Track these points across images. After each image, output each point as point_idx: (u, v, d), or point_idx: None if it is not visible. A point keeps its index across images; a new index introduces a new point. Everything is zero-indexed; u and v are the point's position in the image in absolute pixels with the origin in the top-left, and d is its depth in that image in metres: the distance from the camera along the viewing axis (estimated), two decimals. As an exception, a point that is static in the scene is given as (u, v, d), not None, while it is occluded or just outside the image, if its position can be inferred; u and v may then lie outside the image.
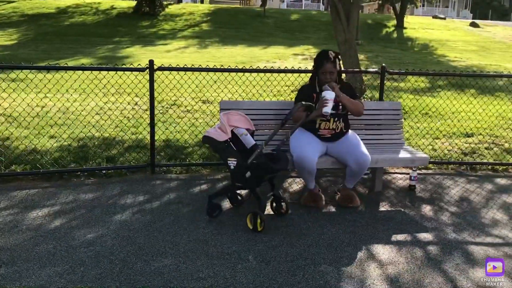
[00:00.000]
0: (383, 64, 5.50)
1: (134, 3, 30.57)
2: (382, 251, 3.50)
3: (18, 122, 6.33)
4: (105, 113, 6.75)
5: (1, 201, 4.19)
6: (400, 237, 3.74)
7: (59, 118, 6.41)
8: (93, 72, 5.55)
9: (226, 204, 4.24)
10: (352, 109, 4.23)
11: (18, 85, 6.46)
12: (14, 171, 4.84)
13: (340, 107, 4.19)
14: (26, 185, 4.62)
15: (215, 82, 7.00)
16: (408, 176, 4.95)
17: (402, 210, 4.30)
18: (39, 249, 3.35)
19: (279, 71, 5.40)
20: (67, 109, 6.98)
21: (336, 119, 4.20)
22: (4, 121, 6.50)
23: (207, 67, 5.03)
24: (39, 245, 3.42)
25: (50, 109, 7.24)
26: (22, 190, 4.47)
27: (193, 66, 5.17)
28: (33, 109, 6.61)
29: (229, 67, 5.11)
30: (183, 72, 5.22)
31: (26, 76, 7.27)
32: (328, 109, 3.99)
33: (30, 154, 5.30)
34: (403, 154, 4.53)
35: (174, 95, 7.07)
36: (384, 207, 4.37)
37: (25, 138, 5.68)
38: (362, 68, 12.35)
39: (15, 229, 3.65)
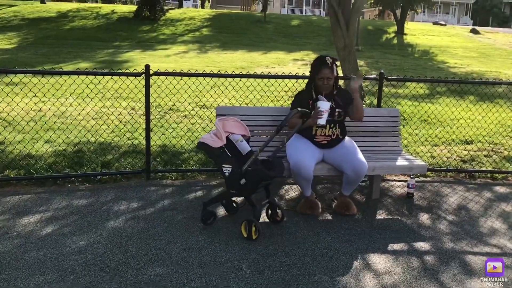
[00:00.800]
0: (381, 71, 5.46)
1: (135, 8, 30.63)
2: (378, 260, 3.44)
3: (13, 126, 6.29)
4: (100, 118, 6.70)
5: (-8, 206, 4.14)
6: (396, 246, 3.68)
7: (54, 122, 6.36)
8: (89, 76, 5.50)
9: (221, 211, 4.18)
10: (358, 111, 4.20)
11: (12, 89, 6.41)
12: (7, 176, 4.78)
13: (336, 114, 4.14)
14: (20, 190, 4.57)
15: (211, 87, 6.96)
16: (406, 183, 4.90)
17: (400, 218, 4.24)
18: (28, 257, 3.29)
19: (276, 76, 5.35)
20: (62, 113, 6.94)
21: (332, 125, 4.15)
22: (-1, 125, 6.44)
23: (204, 72, 4.98)
24: (29, 252, 3.36)
25: (45, 113, 7.19)
26: (15, 195, 4.41)
27: (190, 71, 5.12)
28: (27, 114, 6.57)
29: (226, 72, 5.05)
30: (181, 77, 5.17)
31: (21, 80, 7.23)
32: (322, 121, 3.95)
33: (24, 159, 5.25)
34: (401, 162, 4.47)
35: (170, 100, 7.03)
36: (381, 215, 4.31)
37: (19, 143, 5.63)
38: (362, 74, 12.32)
39: (5, 235, 3.59)
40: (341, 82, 4.93)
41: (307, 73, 4.47)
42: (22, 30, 24.27)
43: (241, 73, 5.26)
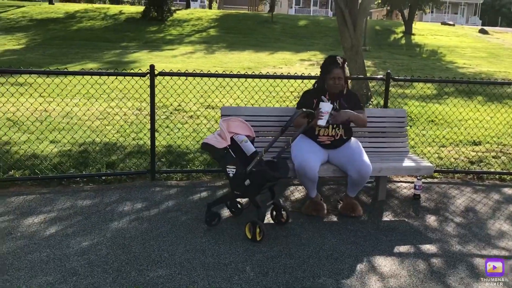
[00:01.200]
0: (389, 71, 5.41)
1: (142, 8, 30.72)
2: (384, 263, 3.39)
3: (18, 126, 6.29)
4: (105, 118, 6.70)
5: (-3, 207, 4.13)
6: (403, 248, 3.63)
7: (59, 123, 6.36)
8: (94, 76, 5.48)
9: (226, 212, 4.15)
10: (358, 124, 4.18)
11: (17, 90, 6.43)
12: (12, 177, 4.78)
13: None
14: (24, 190, 4.56)
15: (216, 88, 6.94)
16: (412, 185, 4.84)
17: (406, 220, 4.18)
18: (31, 257, 3.28)
19: (281, 77, 5.32)
20: (67, 114, 6.94)
21: (335, 126, 4.11)
22: (3, 125, 6.45)
23: (209, 72, 4.95)
24: (32, 253, 3.35)
25: (50, 113, 7.20)
26: (20, 196, 4.41)
27: (195, 72, 5.09)
28: (32, 114, 6.58)
29: (231, 73, 5.02)
30: (187, 77, 5.14)
31: (26, 80, 7.24)
32: (322, 122, 3.88)
33: (29, 159, 5.25)
34: (407, 163, 4.42)
35: (176, 100, 7.01)
36: (387, 216, 4.26)
37: (24, 143, 5.63)
38: (369, 75, 12.27)
39: (9, 236, 3.59)
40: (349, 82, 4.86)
41: (314, 74, 4.43)
42: (30, 30, 24.41)
43: (246, 73, 5.23)
